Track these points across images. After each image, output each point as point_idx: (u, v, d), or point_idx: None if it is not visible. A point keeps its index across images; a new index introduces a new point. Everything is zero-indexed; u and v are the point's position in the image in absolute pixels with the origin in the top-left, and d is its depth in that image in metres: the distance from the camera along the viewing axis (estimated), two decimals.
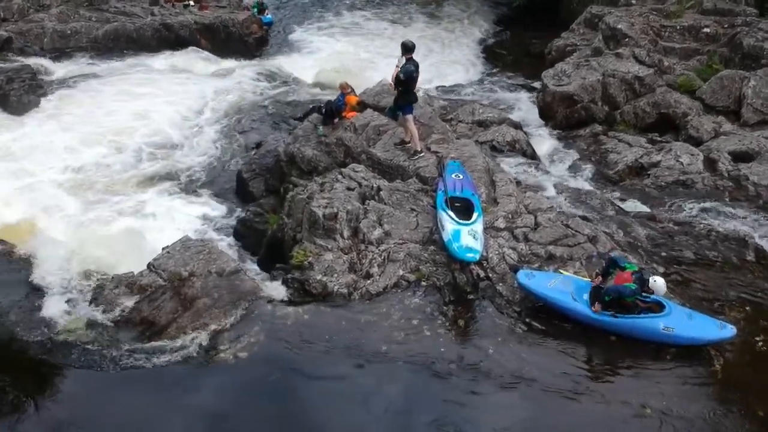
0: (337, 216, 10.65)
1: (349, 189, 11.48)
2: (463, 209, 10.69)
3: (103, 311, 10.06)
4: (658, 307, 9.20)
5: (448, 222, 10.15)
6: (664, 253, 10.99)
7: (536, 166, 14.74)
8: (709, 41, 18.10)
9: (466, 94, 22.21)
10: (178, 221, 15.23)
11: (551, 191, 13.45)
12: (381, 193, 11.42)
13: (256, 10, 30.38)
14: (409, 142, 13.25)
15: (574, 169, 15.05)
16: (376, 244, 10.46)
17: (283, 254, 11.98)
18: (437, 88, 23.19)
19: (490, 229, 10.82)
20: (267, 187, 15.35)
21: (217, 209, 15.73)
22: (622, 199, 13.54)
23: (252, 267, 13.41)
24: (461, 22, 31.94)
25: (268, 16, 30.48)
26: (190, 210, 15.66)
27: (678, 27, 18.42)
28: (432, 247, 10.48)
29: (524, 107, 20.30)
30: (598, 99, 17.23)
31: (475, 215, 10.37)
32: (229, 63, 25.07)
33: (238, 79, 23.02)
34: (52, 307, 10.49)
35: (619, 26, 18.64)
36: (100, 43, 25.36)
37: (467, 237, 9.86)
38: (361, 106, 14.85)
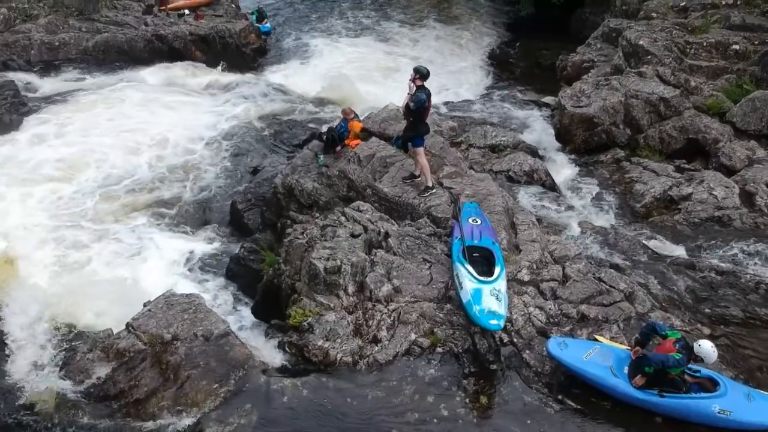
0: (340, 269, 9.41)
1: (353, 235, 10.24)
2: (482, 260, 9.47)
3: (75, 381, 8.83)
4: (710, 384, 7.98)
5: (467, 279, 8.91)
6: (708, 310, 9.76)
7: (556, 199, 13.50)
8: (738, 59, 16.86)
9: (475, 110, 20.99)
10: (167, 257, 14.15)
11: (575, 230, 12.22)
12: (389, 240, 10.19)
13: (255, 17, 29.22)
14: (419, 177, 12.03)
15: (597, 201, 13.79)
16: (385, 302, 9.23)
17: (280, 303, 10.82)
18: (446, 104, 22.04)
19: (512, 282, 9.59)
20: (263, 220, 14.17)
21: (209, 244, 14.60)
22: (652, 238, 12.30)
23: (245, 312, 12.31)
24: (470, 28, 30.78)
25: (267, 24, 29.26)
26: (180, 244, 14.53)
27: (704, 44, 17.19)
28: (448, 306, 9.24)
29: (538, 127, 19.08)
30: (619, 122, 15.99)
31: (497, 270, 9.12)
32: (225, 76, 23.86)
33: (235, 95, 21.83)
34: (18, 374, 9.33)
35: (641, 42, 17.41)
36: (90, 55, 24.20)
37: (489, 298, 8.62)
38: (366, 133, 13.63)
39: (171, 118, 19.57)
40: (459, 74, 25.97)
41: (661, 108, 15.83)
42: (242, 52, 26.40)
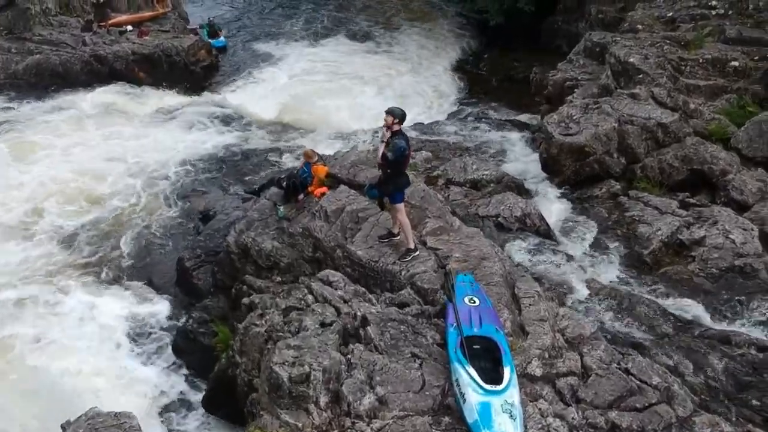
0: (309, 377, 7.47)
1: (323, 324, 8.32)
2: (485, 353, 7.65)
3: None
4: None
5: (471, 389, 7.06)
6: (755, 402, 8.09)
7: (554, 250, 11.76)
8: (738, 77, 15.37)
9: (448, 134, 19.27)
10: (104, 328, 12.14)
11: (582, 292, 10.50)
12: (368, 328, 8.28)
13: (206, 32, 27.08)
14: (397, 235, 10.15)
15: (598, 248, 12.08)
16: (367, 418, 7.32)
17: (236, 396, 8.94)
18: (414, 125, 20.25)
19: (522, 378, 7.77)
20: (215, 281, 12.16)
21: (152, 310, 12.66)
22: (669, 295, 10.65)
23: (196, 400, 10.37)
24: (436, 38, 29.02)
25: (221, 38, 27.14)
26: (120, 311, 12.53)
27: (700, 60, 15.66)
28: (446, 419, 7.36)
29: (519, 152, 17.44)
30: (613, 150, 14.32)
31: (506, 373, 7.28)
32: (172, 100, 21.79)
33: (182, 122, 19.77)
34: None
35: (631, 60, 15.80)
36: (21, 80, 21.96)
37: (501, 417, 6.79)
38: (332, 179, 11.73)
39: (110, 152, 17.43)
40: (428, 91, 24.25)
41: (659, 134, 14.23)
42: (191, 71, 24.30)
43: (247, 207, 12.89)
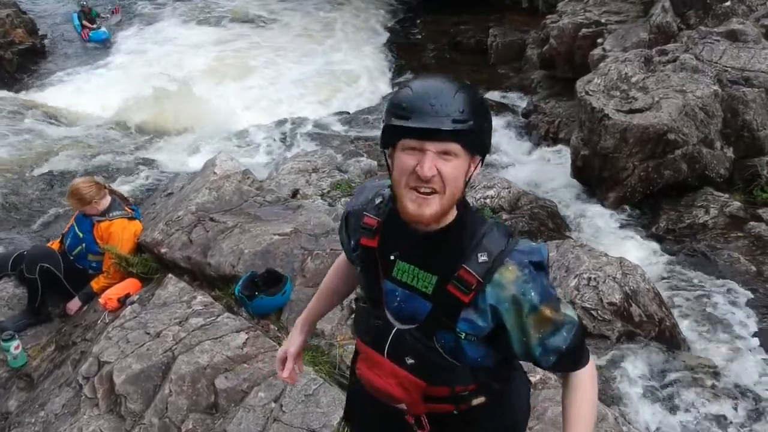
0: None
1: None
2: None
3: None
4: None
5: None
6: None
7: (714, 386, 4.92)
8: None
9: None
10: None
11: None
12: None
13: (77, 20, 19.08)
14: None
15: None
16: None
17: None
18: (338, 115, 13.33)
19: None
20: None
21: None
22: None
23: None
24: (351, 5, 21.97)
25: (102, 30, 18.87)
26: None
27: None
28: None
29: (512, 150, 10.79)
30: (714, 135, 7.75)
31: None
32: None
33: None
34: None
35: None
36: None
37: None
38: (147, 261, 4.43)
39: None
40: (348, 70, 17.17)
41: None
42: (0, 58, 16.39)
43: None
